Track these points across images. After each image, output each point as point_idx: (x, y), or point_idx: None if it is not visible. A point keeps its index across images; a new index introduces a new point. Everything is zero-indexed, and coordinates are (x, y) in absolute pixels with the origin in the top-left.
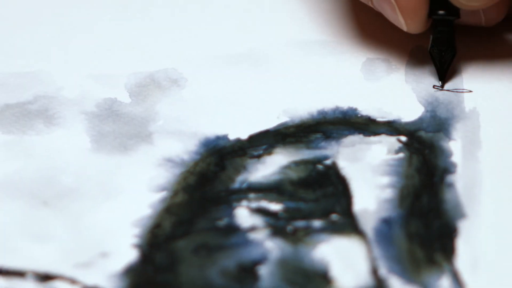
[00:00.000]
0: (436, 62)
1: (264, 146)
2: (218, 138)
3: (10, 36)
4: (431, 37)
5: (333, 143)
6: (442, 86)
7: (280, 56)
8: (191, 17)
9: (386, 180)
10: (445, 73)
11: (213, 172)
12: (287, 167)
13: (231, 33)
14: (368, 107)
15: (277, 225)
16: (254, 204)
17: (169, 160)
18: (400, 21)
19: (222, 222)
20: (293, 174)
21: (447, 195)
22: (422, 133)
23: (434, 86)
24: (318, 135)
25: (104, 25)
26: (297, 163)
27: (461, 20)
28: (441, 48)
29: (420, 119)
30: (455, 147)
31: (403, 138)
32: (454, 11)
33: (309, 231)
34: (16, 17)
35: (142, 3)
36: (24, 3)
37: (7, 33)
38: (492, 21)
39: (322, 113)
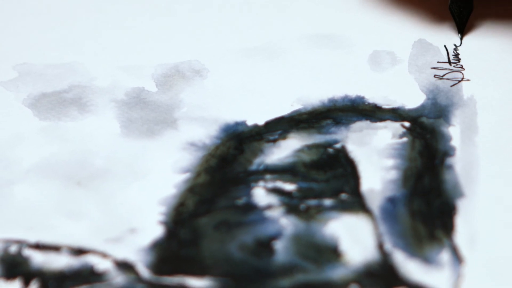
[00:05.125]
0: (455, 17)
1: (279, 131)
2: (237, 124)
3: (47, 31)
4: None
5: (343, 128)
6: (461, 39)
7: (294, 49)
8: (212, 13)
9: (391, 162)
10: (463, 27)
11: (232, 155)
12: (300, 150)
13: (249, 28)
14: (375, 95)
15: (291, 204)
16: (270, 184)
17: (192, 144)
18: None
19: (241, 201)
20: (306, 157)
21: (447, 176)
22: (424, 119)
23: (435, 76)
24: (329, 121)
25: (133, 20)
26: (309, 147)
27: None
28: (460, 5)
29: (422, 106)
30: (454, 132)
31: (407, 124)
32: None
33: (321, 209)
34: (53, 14)
35: (168, 1)
36: (60, 1)
37: (44, 28)
38: None
39: (332, 101)
